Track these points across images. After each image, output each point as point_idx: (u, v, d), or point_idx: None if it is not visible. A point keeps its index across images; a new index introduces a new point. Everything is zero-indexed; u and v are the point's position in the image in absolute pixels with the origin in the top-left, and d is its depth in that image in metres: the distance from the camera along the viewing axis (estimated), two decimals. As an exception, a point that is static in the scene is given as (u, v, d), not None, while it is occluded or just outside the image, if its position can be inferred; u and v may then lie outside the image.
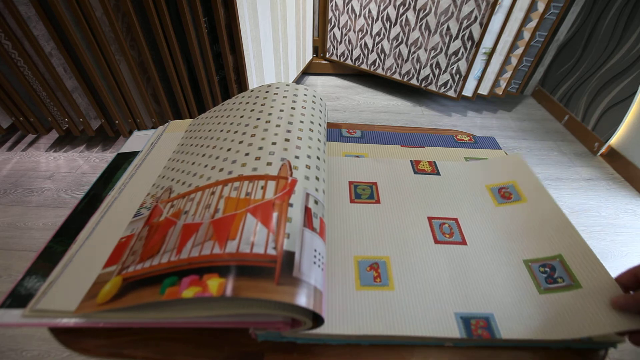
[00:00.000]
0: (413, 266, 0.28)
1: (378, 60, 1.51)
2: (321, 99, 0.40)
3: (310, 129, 0.33)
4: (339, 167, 0.38)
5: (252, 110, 0.35)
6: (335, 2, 1.47)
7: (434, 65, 1.37)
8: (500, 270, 0.28)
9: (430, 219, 0.33)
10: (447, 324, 0.24)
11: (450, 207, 0.34)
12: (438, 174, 0.38)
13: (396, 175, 0.38)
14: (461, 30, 1.24)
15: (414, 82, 1.47)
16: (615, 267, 0.86)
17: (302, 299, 0.19)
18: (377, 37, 1.45)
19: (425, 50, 1.36)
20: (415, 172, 0.38)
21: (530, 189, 0.35)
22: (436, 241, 0.31)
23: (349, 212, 0.32)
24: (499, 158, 0.40)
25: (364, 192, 0.35)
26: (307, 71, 1.76)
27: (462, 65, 1.31)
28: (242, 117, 0.35)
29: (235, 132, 0.33)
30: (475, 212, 0.34)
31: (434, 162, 0.40)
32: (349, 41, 1.54)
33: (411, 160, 0.40)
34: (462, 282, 0.27)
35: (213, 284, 0.19)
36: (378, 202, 0.34)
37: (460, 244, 0.30)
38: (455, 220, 0.33)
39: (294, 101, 0.36)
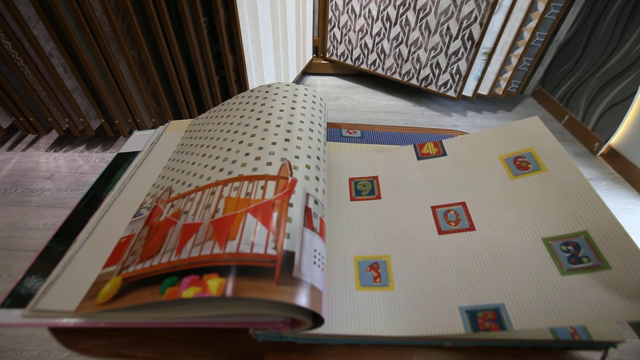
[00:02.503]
0: (414, 263, 0.27)
1: (378, 60, 1.51)
2: (321, 99, 0.40)
3: (310, 129, 0.33)
4: (338, 163, 0.38)
5: (252, 110, 0.35)
6: (335, 2, 1.47)
7: (434, 65, 1.37)
8: (514, 253, 0.26)
9: (434, 208, 0.31)
10: (450, 320, 0.23)
11: (457, 191, 0.31)
12: (444, 154, 0.35)
13: (398, 164, 0.36)
14: (461, 30, 1.24)
15: (414, 82, 1.47)
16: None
17: (302, 299, 0.19)
18: (377, 37, 1.45)
19: (425, 50, 1.36)
20: (419, 158, 0.36)
21: (551, 156, 0.30)
22: (440, 232, 0.29)
23: (349, 211, 0.32)
24: (514, 123, 0.34)
25: (365, 188, 0.34)
26: (307, 71, 1.76)
27: (462, 65, 1.31)
28: (242, 117, 0.35)
29: (235, 132, 0.33)
30: (486, 191, 0.30)
31: (440, 142, 0.37)
32: (349, 41, 1.54)
33: (415, 145, 0.37)
34: (468, 273, 0.25)
35: (213, 284, 0.19)
36: (379, 197, 0.33)
37: (468, 231, 0.28)
38: (463, 204, 0.30)
39: (294, 101, 0.35)
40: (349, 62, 1.61)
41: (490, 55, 1.28)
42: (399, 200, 0.32)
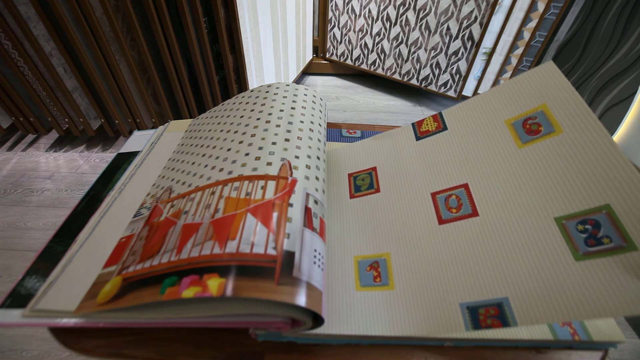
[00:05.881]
0: (414, 259, 0.26)
1: (378, 60, 1.51)
2: (321, 99, 0.40)
3: (310, 129, 0.33)
4: (337, 158, 0.37)
5: (252, 110, 0.35)
6: (335, 2, 1.47)
7: (434, 65, 1.37)
8: (520, 239, 0.23)
9: (434, 195, 0.29)
10: (450, 318, 0.22)
11: (458, 171, 0.29)
12: (445, 129, 0.32)
13: (397, 150, 0.34)
14: (461, 30, 1.24)
15: (414, 82, 1.47)
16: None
17: (302, 299, 0.19)
18: (377, 37, 1.45)
19: (425, 50, 1.36)
20: (417, 138, 0.33)
21: (568, 112, 0.25)
22: (440, 221, 0.27)
23: (349, 210, 0.32)
24: (523, 75, 0.29)
25: (364, 183, 0.34)
26: (307, 71, 1.76)
27: (462, 65, 1.31)
28: (242, 117, 0.35)
29: (235, 132, 0.33)
30: (490, 167, 0.27)
31: (440, 114, 0.34)
32: (349, 41, 1.54)
33: (413, 124, 0.35)
34: (470, 265, 0.23)
35: (213, 284, 0.19)
36: (378, 190, 0.32)
37: (470, 217, 0.26)
38: (465, 186, 0.27)
39: (294, 101, 0.35)
40: (349, 62, 1.61)
41: (490, 55, 1.28)
42: (398, 192, 0.31)
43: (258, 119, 0.33)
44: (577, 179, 0.23)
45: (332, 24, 1.54)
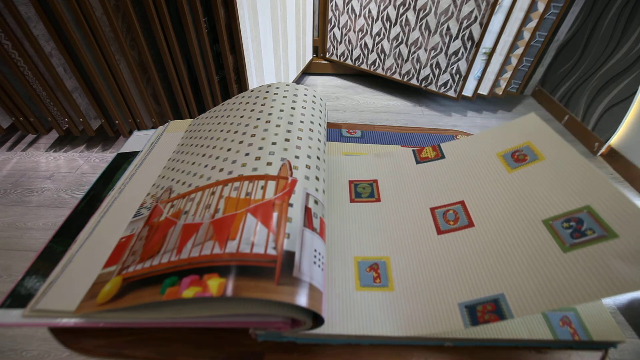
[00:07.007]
0: (414, 264, 0.27)
1: (378, 60, 1.51)
2: (321, 99, 0.40)
3: (310, 129, 0.33)
4: (339, 166, 0.38)
5: (252, 110, 0.35)
6: (335, 2, 1.47)
7: (434, 65, 1.37)
8: (513, 241, 0.25)
9: (432, 209, 0.31)
10: (450, 317, 0.23)
11: (455, 191, 0.32)
12: (443, 157, 0.36)
13: (398, 169, 0.36)
14: (461, 30, 1.24)
15: (414, 82, 1.47)
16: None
17: (302, 299, 0.19)
18: (377, 37, 1.45)
19: (425, 50, 1.36)
20: (417, 162, 0.36)
21: (549, 146, 0.30)
22: (439, 232, 0.29)
23: (349, 212, 0.32)
24: (511, 122, 0.35)
25: (364, 191, 0.35)
26: (307, 71, 1.76)
27: (462, 65, 1.31)
28: (242, 117, 0.35)
29: (235, 132, 0.33)
30: (484, 187, 0.31)
31: (438, 146, 0.37)
32: (349, 41, 1.54)
33: (413, 150, 0.38)
34: (467, 269, 0.25)
35: (213, 284, 0.19)
36: (378, 200, 0.33)
37: (467, 228, 0.28)
38: (461, 203, 0.30)
39: (294, 101, 0.35)
40: (349, 62, 1.61)
41: (490, 55, 1.28)
42: (398, 203, 0.33)
43: (258, 119, 0.33)
44: (560, 190, 0.27)
45: (332, 24, 1.54)
